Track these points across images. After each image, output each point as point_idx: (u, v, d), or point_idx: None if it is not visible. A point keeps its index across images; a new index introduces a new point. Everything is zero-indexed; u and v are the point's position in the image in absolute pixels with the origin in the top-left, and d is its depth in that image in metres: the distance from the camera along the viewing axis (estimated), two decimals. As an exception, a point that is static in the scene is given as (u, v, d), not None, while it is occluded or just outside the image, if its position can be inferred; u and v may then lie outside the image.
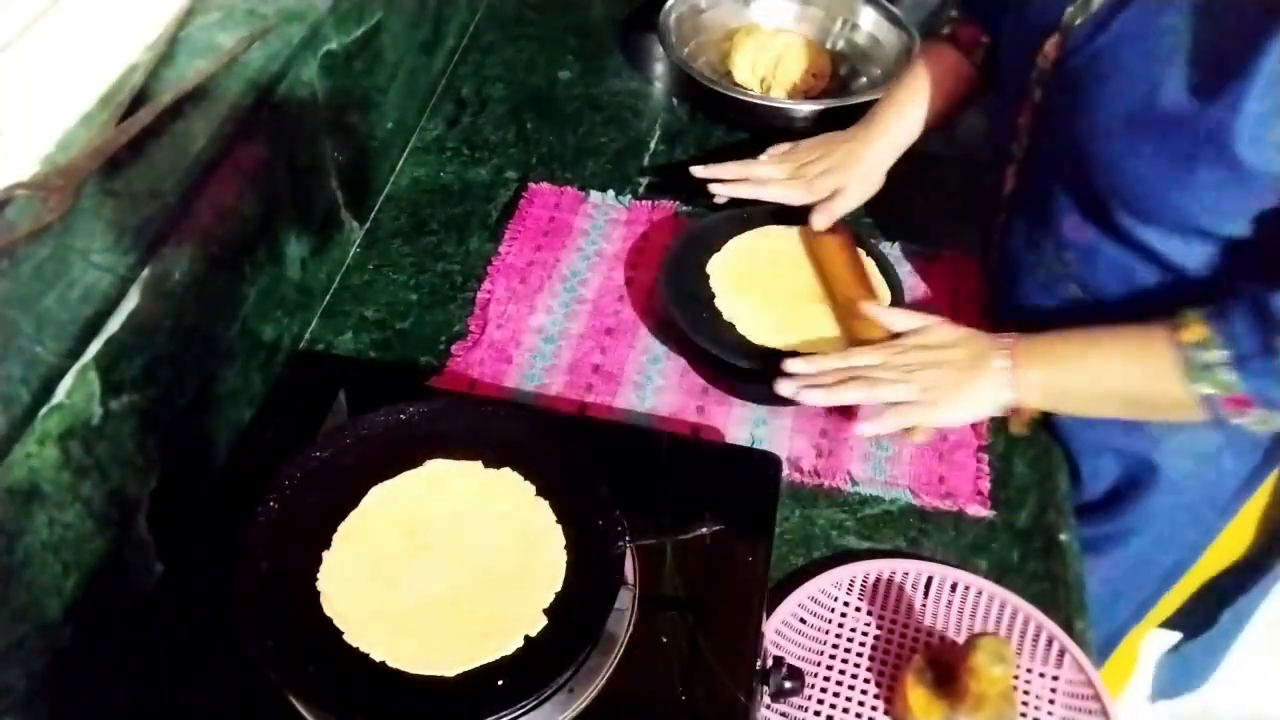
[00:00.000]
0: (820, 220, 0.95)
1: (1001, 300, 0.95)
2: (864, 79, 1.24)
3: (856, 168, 0.97)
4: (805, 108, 1.16)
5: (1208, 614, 1.09)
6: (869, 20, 1.26)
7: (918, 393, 0.78)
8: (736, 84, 1.21)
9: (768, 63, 1.21)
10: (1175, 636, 1.16)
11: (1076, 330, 0.79)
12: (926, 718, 0.68)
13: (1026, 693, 0.73)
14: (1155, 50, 0.71)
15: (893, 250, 1.03)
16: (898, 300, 0.91)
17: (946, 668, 0.69)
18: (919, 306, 0.95)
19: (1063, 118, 0.80)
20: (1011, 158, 0.88)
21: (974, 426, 0.89)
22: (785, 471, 0.80)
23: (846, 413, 0.89)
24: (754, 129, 1.18)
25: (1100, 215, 0.79)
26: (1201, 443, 0.88)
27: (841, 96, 1.18)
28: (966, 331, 0.82)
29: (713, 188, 1.00)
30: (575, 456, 0.68)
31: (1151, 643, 1.21)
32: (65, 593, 0.62)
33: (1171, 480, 0.91)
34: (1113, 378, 0.77)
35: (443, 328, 0.95)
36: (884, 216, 1.06)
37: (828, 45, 1.27)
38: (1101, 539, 0.96)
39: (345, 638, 0.59)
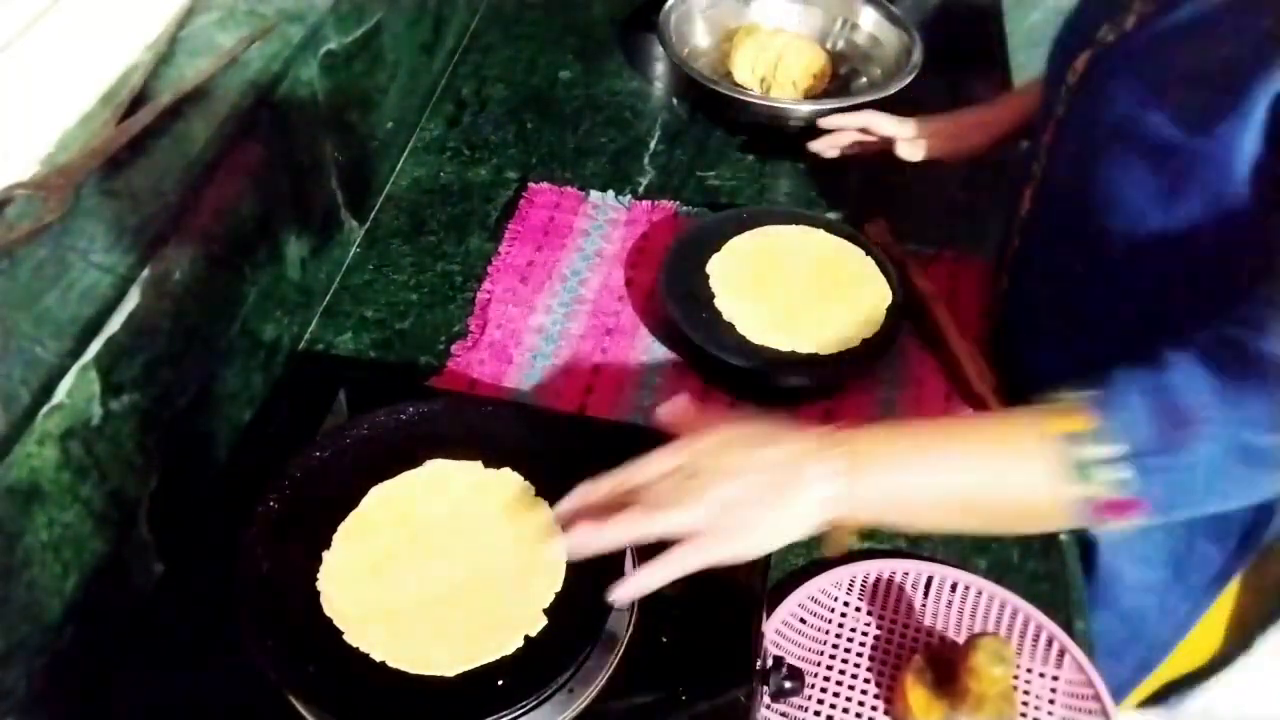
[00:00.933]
0: (905, 149, 1.01)
1: (1018, 326, 0.93)
2: (864, 79, 1.24)
3: (952, 122, 1.03)
4: (805, 108, 1.16)
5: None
6: (869, 20, 1.26)
7: (707, 518, 0.58)
8: (736, 84, 1.21)
9: (768, 63, 1.21)
10: None
11: (923, 422, 0.69)
12: (926, 718, 0.68)
13: (1026, 693, 0.73)
14: (1147, 76, 0.70)
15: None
16: (897, 301, 0.91)
17: (946, 668, 0.69)
18: (920, 306, 0.95)
19: (1072, 135, 0.78)
20: (1030, 177, 0.86)
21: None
22: (785, 471, 0.79)
23: (851, 412, 0.89)
24: (754, 129, 1.18)
25: (1096, 239, 0.77)
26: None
27: (841, 96, 1.18)
28: (772, 429, 0.63)
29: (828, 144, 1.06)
30: (575, 456, 0.68)
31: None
32: (65, 593, 0.62)
33: (1139, 551, 0.86)
34: (958, 484, 0.61)
35: (443, 328, 0.95)
36: (885, 216, 1.06)
37: (828, 45, 1.27)
38: None
39: (345, 638, 0.59)
